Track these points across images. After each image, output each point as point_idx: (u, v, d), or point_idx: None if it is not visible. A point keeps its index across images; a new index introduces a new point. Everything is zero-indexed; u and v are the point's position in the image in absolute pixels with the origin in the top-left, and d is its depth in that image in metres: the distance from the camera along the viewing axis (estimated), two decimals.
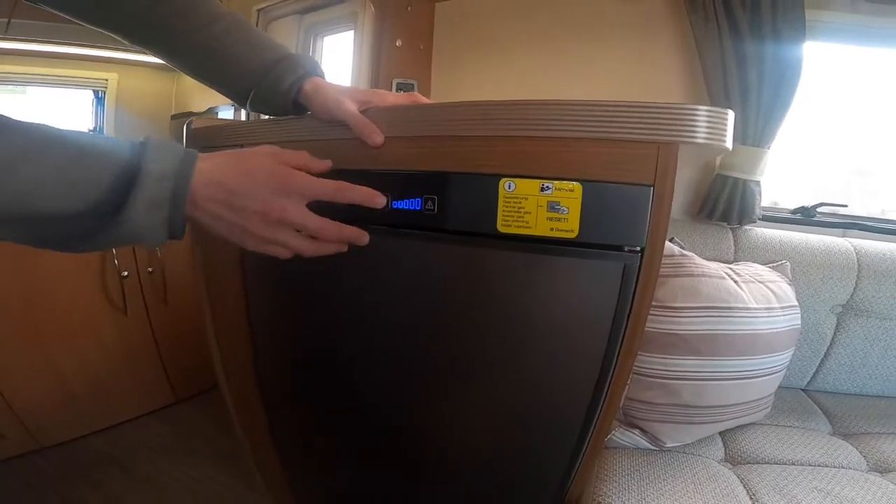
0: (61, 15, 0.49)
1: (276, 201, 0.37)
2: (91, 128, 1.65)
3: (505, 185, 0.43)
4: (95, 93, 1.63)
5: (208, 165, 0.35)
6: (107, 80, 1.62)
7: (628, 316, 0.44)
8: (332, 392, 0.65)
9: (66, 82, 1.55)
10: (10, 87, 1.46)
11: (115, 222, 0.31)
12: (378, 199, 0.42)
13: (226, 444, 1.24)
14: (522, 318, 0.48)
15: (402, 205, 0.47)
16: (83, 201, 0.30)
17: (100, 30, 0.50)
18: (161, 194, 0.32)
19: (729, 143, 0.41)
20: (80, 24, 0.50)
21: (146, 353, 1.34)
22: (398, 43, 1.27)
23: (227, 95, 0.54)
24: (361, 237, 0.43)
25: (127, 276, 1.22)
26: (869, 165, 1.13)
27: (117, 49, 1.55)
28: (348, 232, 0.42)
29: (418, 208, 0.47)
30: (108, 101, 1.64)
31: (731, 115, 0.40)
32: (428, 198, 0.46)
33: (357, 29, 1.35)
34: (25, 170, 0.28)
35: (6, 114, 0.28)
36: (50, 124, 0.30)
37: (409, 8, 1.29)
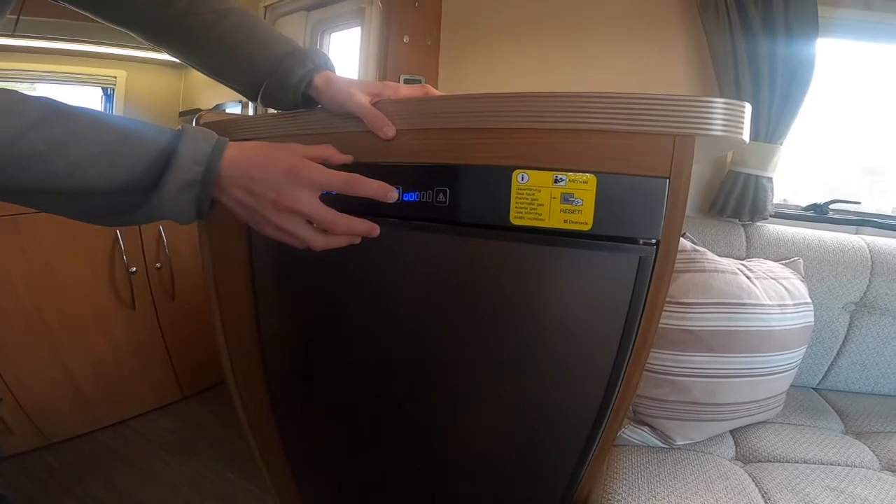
0: (74, 10, 0.49)
1: (289, 190, 0.38)
2: None
3: (518, 176, 0.43)
4: (104, 90, 1.64)
5: (236, 153, 0.38)
6: (115, 77, 1.63)
7: (643, 310, 0.44)
8: (340, 389, 0.65)
9: (75, 79, 1.56)
10: (19, 84, 1.47)
11: (149, 199, 0.35)
12: (391, 194, 0.42)
13: (233, 440, 1.24)
14: (535, 311, 0.48)
15: (412, 197, 0.47)
16: (124, 179, 0.34)
17: (111, 25, 0.51)
18: (192, 176, 0.35)
19: (746, 136, 0.41)
20: (89, 21, 0.50)
21: (154, 348, 1.34)
22: (405, 39, 1.27)
23: (237, 90, 0.54)
24: (372, 230, 0.43)
25: (135, 271, 1.23)
26: (880, 163, 1.11)
27: (126, 46, 1.56)
28: (359, 225, 0.42)
29: (430, 201, 0.47)
30: (117, 98, 1.65)
31: (747, 107, 0.40)
32: (440, 190, 0.46)
33: (364, 25, 1.34)
34: (75, 150, 0.31)
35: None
36: (97, 109, 0.32)
37: (417, 3, 1.28)
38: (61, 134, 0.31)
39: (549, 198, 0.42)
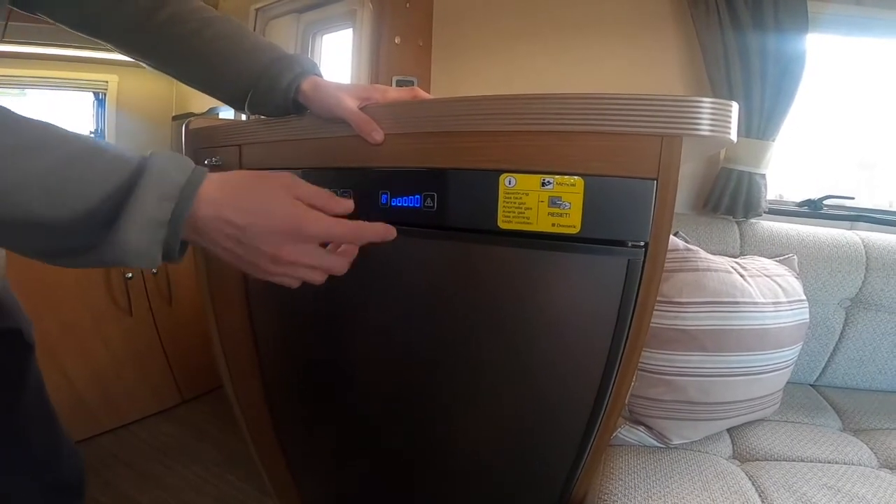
0: (54, 24, 0.49)
1: (291, 246, 0.34)
2: (92, 130, 1.66)
3: (505, 180, 0.43)
4: (96, 95, 1.64)
5: (216, 190, 0.32)
6: (107, 82, 1.63)
7: (633, 311, 0.44)
8: (334, 392, 0.65)
9: (67, 85, 1.56)
10: (9, 91, 1.47)
11: (103, 239, 0.29)
12: (391, 234, 0.40)
13: (233, 443, 1.25)
14: (525, 314, 0.48)
15: (401, 202, 0.47)
16: (73, 212, 0.28)
17: (92, 39, 0.50)
18: (159, 215, 0.29)
19: (733, 136, 0.41)
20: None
21: (152, 353, 1.34)
22: (397, 40, 1.26)
23: (223, 100, 0.54)
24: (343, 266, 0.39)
25: (131, 277, 1.23)
26: (873, 158, 1.11)
27: (117, 51, 1.55)
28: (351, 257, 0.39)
29: (418, 205, 0.46)
30: (109, 103, 1.64)
31: (735, 106, 0.40)
32: (427, 195, 0.46)
33: (356, 27, 1.34)
34: (12, 171, 0.26)
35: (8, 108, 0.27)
36: (49, 122, 0.28)
37: (408, 5, 1.28)
38: None
39: (537, 201, 0.42)
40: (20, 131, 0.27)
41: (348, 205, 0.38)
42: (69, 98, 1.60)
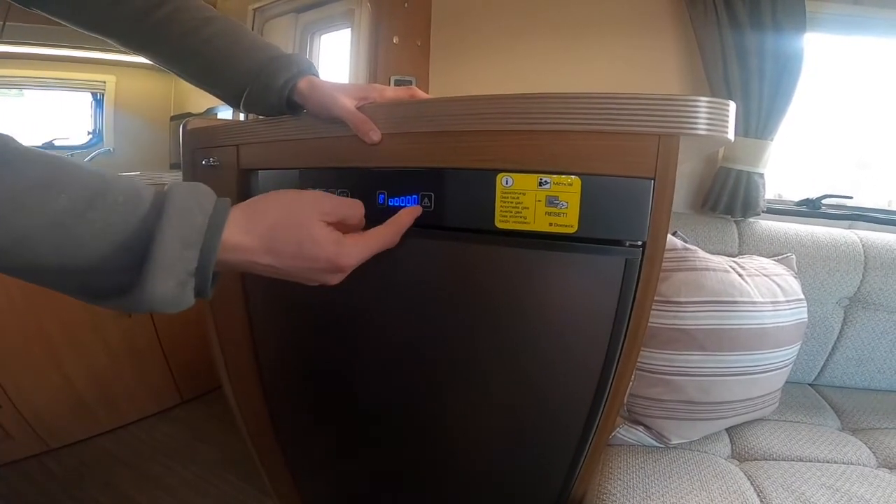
0: (53, 19, 0.48)
1: (330, 278, 0.37)
2: (90, 130, 1.66)
3: (502, 180, 0.43)
4: (94, 95, 1.64)
5: (245, 239, 0.30)
6: (105, 81, 1.63)
7: (630, 311, 0.43)
8: (332, 391, 0.65)
9: (65, 85, 1.56)
10: (7, 92, 1.46)
11: (131, 290, 0.27)
12: (418, 210, 0.45)
13: (233, 443, 1.24)
14: (522, 314, 0.48)
15: (398, 202, 0.47)
16: (90, 259, 0.26)
17: (92, 34, 0.50)
18: (184, 267, 0.28)
19: (731, 135, 0.40)
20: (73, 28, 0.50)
21: (151, 354, 1.34)
22: (395, 40, 1.26)
23: (220, 98, 0.54)
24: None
25: None
26: (870, 158, 1.11)
27: (115, 51, 1.55)
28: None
29: (415, 205, 0.46)
30: (107, 103, 1.64)
31: (732, 105, 0.39)
32: (424, 195, 0.46)
33: (354, 27, 1.34)
34: (15, 218, 0.24)
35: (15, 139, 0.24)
36: (55, 156, 0.26)
37: (406, 4, 1.28)
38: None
39: (534, 201, 0.42)
40: (21, 173, 0.24)
41: (360, 205, 0.41)
42: (67, 98, 1.60)
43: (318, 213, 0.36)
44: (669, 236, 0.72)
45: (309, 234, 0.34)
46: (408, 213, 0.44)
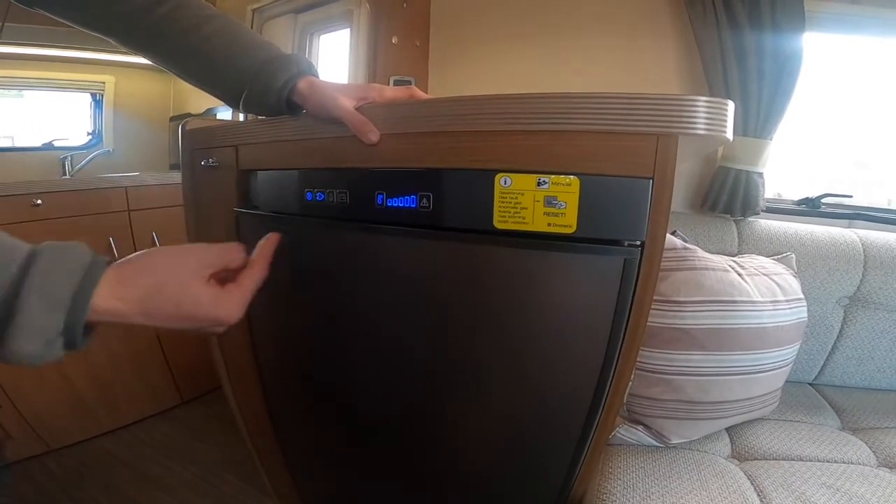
0: (54, 18, 0.48)
1: (214, 328, 0.37)
2: (90, 131, 1.66)
3: (501, 180, 0.43)
4: (93, 95, 1.64)
5: (119, 305, 0.30)
6: (104, 82, 1.63)
7: (629, 311, 0.43)
8: (332, 392, 0.65)
9: (64, 86, 1.56)
10: (7, 92, 1.47)
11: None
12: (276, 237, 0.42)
13: (233, 443, 1.24)
14: (521, 315, 0.48)
15: (397, 202, 0.47)
16: None
17: (91, 33, 0.50)
18: (50, 327, 0.27)
19: (729, 134, 0.40)
20: (74, 28, 0.50)
21: (151, 355, 1.34)
22: (394, 40, 1.26)
23: (219, 97, 0.54)
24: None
25: None
26: (868, 157, 1.11)
27: (114, 52, 1.55)
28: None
29: (413, 206, 0.46)
30: (106, 104, 1.64)
31: (730, 105, 0.39)
32: (423, 195, 0.46)
33: (353, 27, 1.34)
34: None
35: None
36: None
37: (405, 5, 1.28)
38: None
39: (533, 201, 0.42)
40: None
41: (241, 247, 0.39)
42: (67, 99, 1.60)
43: (202, 268, 0.35)
44: (669, 236, 0.72)
45: (189, 294, 0.34)
46: (268, 243, 0.42)
